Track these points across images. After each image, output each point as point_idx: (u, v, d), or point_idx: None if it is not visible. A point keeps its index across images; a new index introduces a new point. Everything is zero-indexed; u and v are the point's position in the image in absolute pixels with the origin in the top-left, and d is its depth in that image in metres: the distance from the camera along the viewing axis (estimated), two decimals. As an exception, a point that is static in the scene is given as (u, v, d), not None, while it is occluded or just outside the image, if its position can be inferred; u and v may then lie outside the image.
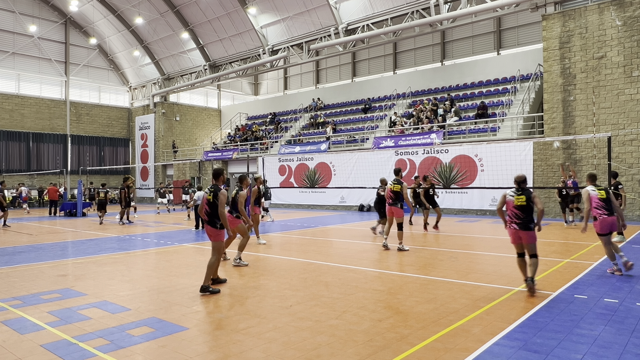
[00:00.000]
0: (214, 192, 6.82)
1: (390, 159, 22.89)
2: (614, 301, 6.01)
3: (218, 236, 6.86)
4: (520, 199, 6.42)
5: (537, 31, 24.15)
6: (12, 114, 32.84)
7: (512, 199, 6.50)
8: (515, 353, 4.30)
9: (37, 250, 11.25)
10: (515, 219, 6.46)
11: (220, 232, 6.84)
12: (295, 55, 28.01)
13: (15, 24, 32.85)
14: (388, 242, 11.00)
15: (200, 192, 15.74)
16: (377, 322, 5.23)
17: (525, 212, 6.39)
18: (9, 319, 5.53)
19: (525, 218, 6.39)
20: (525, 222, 6.40)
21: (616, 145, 16.84)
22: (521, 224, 6.41)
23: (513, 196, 6.50)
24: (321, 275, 7.91)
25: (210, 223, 6.83)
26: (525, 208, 6.39)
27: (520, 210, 6.41)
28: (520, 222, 6.41)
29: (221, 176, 7.05)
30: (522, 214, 6.40)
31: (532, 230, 6.40)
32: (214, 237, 6.86)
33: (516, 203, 6.44)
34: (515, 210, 6.45)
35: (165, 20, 32.69)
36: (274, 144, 30.65)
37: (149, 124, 37.04)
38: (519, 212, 6.41)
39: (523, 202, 6.39)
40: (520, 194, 6.46)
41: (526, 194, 6.42)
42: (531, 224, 6.41)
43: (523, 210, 6.40)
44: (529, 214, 6.40)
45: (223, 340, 4.75)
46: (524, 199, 6.40)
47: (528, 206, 6.38)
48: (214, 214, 6.77)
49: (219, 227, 6.80)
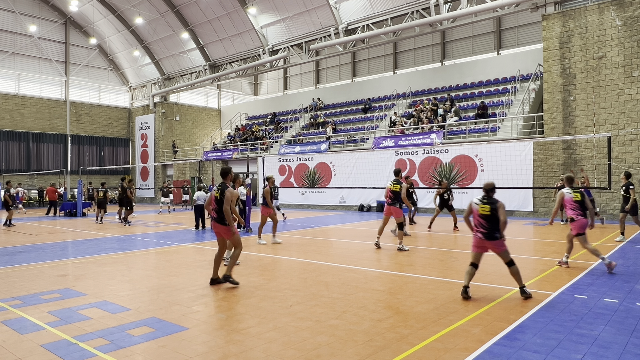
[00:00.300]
0: (221, 190, 6.94)
1: (390, 159, 22.89)
2: (614, 301, 6.01)
3: (228, 233, 6.97)
4: (485, 208, 6.22)
5: (537, 31, 24.15)
6: (12, 114, 32.84)
7: (477, 207, 6.31)
8: (515, 353, 4.30)
9: (37, 250, 11.25)
10: (481, 228, 6.27)
11: (229, 229, 6.95)
12: (295, 55, 28.00)
13: (15, 24, 32.86)
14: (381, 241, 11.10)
15: (200, 192, 15.76)
16: (377, 322, 5.23)
17: (490, 221, 6.19)
18: (9, 319, 5.53)
19: (490, 227, 6.19)
20: (490, 231, 6.20)
21: (616, 145, 16.84)
22: (486, 234, 6.22)
23: (478, 204, 6.32)
24: (321, 275, 7.91)
25: (219, 220, 6.96)
26: (489, 218, 6.19)
27: (485, 220, 6.22)
28: (485, 231, 6.23)
29: (229, 174, 7.18)
30: (486, 223, 6.21)
31: (499, 239, 6.20)
32: (226, 234, 6.99)
33: (480, 212, 6.25)
34: (480, 219, 6.27)
35: (165, 20, 32.69)
36: (274, 144, 30.64)
37: (149, 124, 37.05)
38: (484, 221, 6.23)
39: (487, 212, 6.20)
40: (486, 203, 6.26)
41: (491, 204, 6.21)
42: (497, 234, 6.19)
43: (488, 219, 6.20)
44: (494, 223, 6.18)
45: (223, 340, 4.75)
46: (488, 208, 6.20)
47: (493, 216, 6.17)
48: (221, 211, 6.92)
49: (227, 223, 6.91)
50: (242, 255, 9.94)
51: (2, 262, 9.56)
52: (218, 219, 6.98)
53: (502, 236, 6.20)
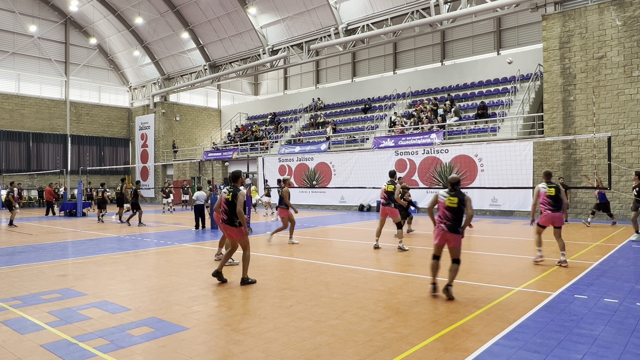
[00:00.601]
0: (233, 193, 7.13)
1: (390, 159, 22.89)
2: (614, 301, 6.01)
3: (239, 234, 7.18)
4: (453, 200, 6.25)
5: (537, 31, 24.15)
6: (12, 114, 32.84)
7: (444, 199, 6.32)
8: (515, 353, 4.30)
9: (37, 250, 11.25)
10: (445, 220, 6.29)
11: (240, 230, 7.15)
12: (295, 55, 28.01)
13: (15, 24, 32.86)
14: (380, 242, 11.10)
15: (199, 192, 15.75)
16: (377, 322, 5.23)
17: (456, 214, 6.24)
18: (9, 319, 5.53)
19: (455, 220, 6.25)
20: (454, 224, 6.25)
21: (616, 145, 16.84)
22: (450, 226, 6.25)
23: (445, 197, 6.32)
24: (321, 275, 7.91)
25: (229, 222, 7.15)
26: (456, 210, 6.23)
27: (451, 212, 6.25)
28: (449, 223, 6.26)
29: (240, 178, 7.38)
30: (452, 215, 6.24)
31: (460, 234, 6.27)
32: (237, 235, 7.20)
33: (447, 204, 6.26)
34: (446, 211, 6.28)
35: (165, 20, 32.70)
36: (274, 144, 30.65)
37: (149, 124, 37.05)
38: (450, 213, 6.26)
39: (454, 204, 6.23)
40: (453, 195, 6.28)
41: (459, 196, 6.26)
42: (459, 228, 6.27)
43: (454, 212, 6.24)
44: (459, 216, 6.26)
45: (223, 340, 4.75)
46: (455, 200, 6.23)
47: (459, 209, 6.23)
48: (233, 212, 7.09)
49: (237, 224, 7.11)
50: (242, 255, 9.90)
51: (2, 262, 9.56)
52: (228, 220, 7.14)
53: (462, 231, 6.29)
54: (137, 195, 17.76)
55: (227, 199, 7.13)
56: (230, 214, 7.12)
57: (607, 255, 9.50)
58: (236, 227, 7.12)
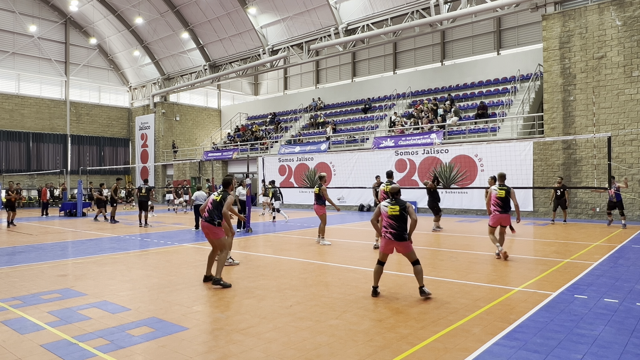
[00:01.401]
0: (222, 196, 7.25)
1: (390, 159, 22.90)
2: (614, 301, 6.01)
3: (217, 234, 7.22)
4: (394, 209, 6.36)
5: (537, 31, 24.15)
6: (12, 114, 32.84)
7: (386, 209, 6.43)
8: (515, 353, 4.30)
9: (37, 250, 11.25)
10: (390, 229, 6.37)
11: (218, 230, 7.22)
12: (295, 55, 28.00)
13: (15, 24, 32.86)
14: None
15: (199, 192, 15.74)
16: (377, 322, 5.23)
17: (399, 221, 6.33)
18: (9, 319, 5.53)
19: (399, 228, 6.33)
20: (399, 232, 6.32)
21: (616, 145, 16.84)
22: (395, 234, 6.33)
23: (387, 206, 6.43)
24: (321, 275, 7.91)
25: (209, 220, 7.21)
26: (398, 218, 6.33)
27: (394, 220, 6.34)
28: (394, 231, 6.33)
29: (230, 185, 7.42)
30: (396, 224, 6.33)
31: (407, 240, 6.35)
32: (213, 234, 7.22)
33: (390, 213, 6.37)
34: (390, 220, 6.38)
35: (165, 20, 32.69)
36: (274, 144, 30.65)
37: (149, 124, 37.05)
38: (393, 222, 6.35)
39: (396, 212, 6.34)
40: (394, 203, 6.40)
41: (400, 204, 6.38)
42: (405, 234, 6.35)
43: (397, 220, 6.34)
44: (403, 224, 6.36)
45: (223, 340, 4.75)
46: (397, 209, 6.35)
47: (402, 216, 6.33)
48: (213, 212, 7.20)
49: (216, 224, 7.19)
50: (242, 255, 9.95)
51: (2, 262, 9.56)
52: (208, 218, 7.23)
53: (409, 237, 6.40)
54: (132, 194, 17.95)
55: (215, 200, 7.27)
56: (211, 212, 7.21)
57: (607, 255, 9.50)
58: (214, 226, 7.19)
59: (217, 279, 7.02)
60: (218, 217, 7.19)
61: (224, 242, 7.29)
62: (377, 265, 6.54)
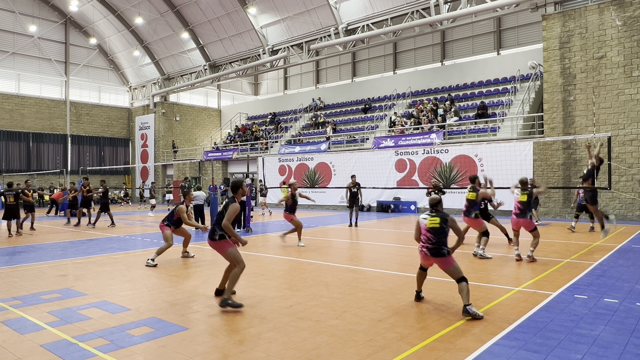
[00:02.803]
0: (225, 204, 6.13)
1: (390, 159, 22.89)
2: (614, 301, 6.01)
3: (222, 248, 6.07)
4: (434, 221, 5.84)
5: (537, 31, 24.15)
6: (12, 114, 32.84)
7: (424, 221, 5.93)
8: (515, 353, 4.30)
9: (37, 250, 11.24)
10: (427, 243, 5.84)
11: (221, 243, 6.06)
12: (295, 55, 28.00)
13: (15, 24, 32.85)
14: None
15: (199, 191, 15.75)
16: (377, 322, 5.23)
17: (438, 235, 5.79)
18: (9, 319, 5.53)
19: (437, 242, 5.77)
20: (437, 246, 5.76)
21: (616, 145, 16.84)
22: (432, 249, 5.78)
23: (426, 219, 5.93)
24: (321, 275, 7.91)
25: (209, 235, 6.14)
26: (438, 231, 5.79)
27: (432, 234, 5.81)
28: (431, 246, 5.79)
29: (240, 189, 6.21)
30: (434, 237, 5.79)
31: (446, 255, 5.73)
32: (219, 249, 6.10)
33: (429, 225, 5.85)
34: (428, 233, 5.85)
35: (165, 20, 32.69)
36: (274, 144, 30.65)
37: (149, 124, 37.05)
38: (431, 235, 5.82)
39: (436, 225, 5.81)
40: (434, 215, 5.90)
41: (440, 216, 5.88)
42: (444, 249, 5.74)
43: (436, 233, 5.80)
44: (443, 237, 5.81)
45: (223, 340, 4.74)
46: (437, 220, 5.83)
47: (442, 229, 5.79)
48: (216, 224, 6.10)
49: (217, 238, 6.04)
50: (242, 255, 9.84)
51: (2, 262, 9.56)
52: (209, 233, 6.19)
53: (450, 252, 5.79)
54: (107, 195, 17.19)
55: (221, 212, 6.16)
56: (213, 225, 6.17)
57: (607, 255, 9.50)
58: (215, 241, 6.05)
59: (225, 299, 5.82)
60: (219, 229, 6.04)
61: (234, 255, 6.05)
62: (419, 270, 6.14)
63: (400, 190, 22.96)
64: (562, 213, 18.29)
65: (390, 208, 23.04)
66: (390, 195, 23.51)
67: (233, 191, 6.20)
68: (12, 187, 14.83)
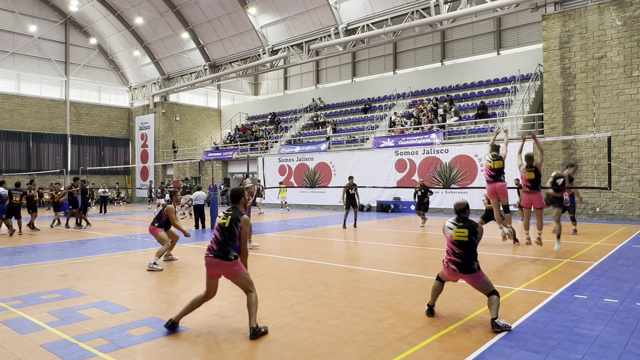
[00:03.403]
0: (232, 217, 5.00)
1: (390, 159, 22.89)
2: (614, 301, 6.01)
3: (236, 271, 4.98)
4: (462, 233, 5.10)
5: (537, 31, 24.15)
6: (12, 114, 32.84)
7: (450, 232, 5.20)
8: (515, 353, 4.30)
9: (37, 250, 11.25)
10: (454, 257, 5.15)
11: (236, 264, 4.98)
12: (295, 55, 28.01)
13: (15, 24, 32.85)
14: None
15: (199, 192, 15.75)
16: (377, 322, 5.23)
17: (467, 249, 5.10)
18: (9, 319, 5.53)
19: (467, 257, 5.10)
20: (466, 262, 5.10)
21: (616, 145, 16.84)
22: (461, 265, 5.09)
23: (452, 229, 5.19)
24: (321, 275, 7.91)
25: (221, 255, 4.93)
26: (467, 245, 5.10)
27: (460, 248, 5.12)
28: (460, 261, 5.11)
29: (242, 198, 5.25)
30: (462, 251, 5.11)
31: (477, 271, 5.11)
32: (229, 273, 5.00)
33: (455, 238, 5.14)
34: (454, 247, 5.14)
35: (165, 20, 32.69)
36: (274, 144, 30.65)
37: (149, 124, 37.05)
38: (458, 249, 5.13)
39: (464, 238, 5.09)
40: (462, 226, 5.15)
41: (468, 226, 5.12)
42: (474, 264, 5.11)
43: (464, 247, 5.10)
44: (472, 251, 5.11)
45: (223, 340, 4.74)
46: (465, 233, 5.09)
47: (471, 242, 5.10)
48: (226, 243, 4.95)
49: (233, 258, 4.95)
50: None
51: (2, 262, 9.56)
52: (219, 252, 4.93)
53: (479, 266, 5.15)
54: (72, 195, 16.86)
55: (223, 224, 5.01)
56: (222, 244, 4.96)
57: (607, 255, 9.50)
58: (229, 262, 4.92)
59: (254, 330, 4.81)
60: (234, 249, 4.99)
61: (249, 279, 5.05)
62: (436, 282, 5.46)
63: (400, 190, 22.96)
64: (563, 213, 18.26)
65: (390, 208, 23.04)
66: (390, 195, 23.51)
67: (233, 201, 5.19)
68: (19, 187, 15.15)
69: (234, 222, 4.98)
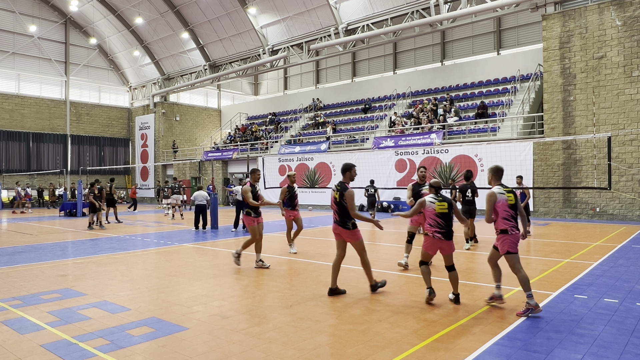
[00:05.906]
0: (340, 191, 6.29)
1: (390, 159, 22.89)
2: (614, 301, 6.01)
3: (356, 235, 6.35)
4: (442, 205, 5.99)
5: (537, 31, 24.15)
6: (12, 114, 32.85)
7: (433, 206, 6.02)
8: (515, 353, 4.29)
9: (37, 250, 11.24)
10: (438, 228, 5.98)
11: (354, 232, 6.32)
12: (295, 55, 28.01)
13: (15, 24, 32.86)
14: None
15: (199, 192, 15.74)
16: (377, 322, 5.23)
17: (447, 219, 6.00)
18: (9, 319, 5.53)
19: (447, 225, 5.99)
20: (448, 229, 5.98)
21: (616, 145, 16.84)
22: (446, 233, 5.97)
23: (434, 203, 6.04)
24: (321, 275, 7.91)
25: (341, 224, 6.32)
26: (447, 216, 5.99)
27: (442, 219, 5.98)
28: (444, 231, 5.96)
29: (348, 172, 6.40)
30: (444, 222, 5.97)
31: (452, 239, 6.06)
32: (352, 237, 6.36)
33: (438, 210, 5.99)
34: (437, 218, 5.99)
35: (165, 20, 32.70)
36: (274, 144, 30.65)
37: (149, 124, 37.05)
38: (441, 220, 5.98)
39: (445, 210, 5.98)
40: (442, 200, 6.04)
41: (447, 201, 6.04)
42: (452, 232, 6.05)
43: (445, 218, 5.98)
44: (450, 221, 6.04)
45: (223, 340, 4.74)
46: (445, 205, 5.99)
47: (449, 214, 6.02)
48: (345, 214, 6.26)
49: (351, 226, 6.28)
50: (242, 254, 9.86)
51: (2, 262, 9.56)
52: (340, 221, 6.32)
53: None
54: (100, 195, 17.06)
55: (335, 198, 6.36)
56: (341, 214, 6.30)
57: (607, 255, 9.50)
58: (348, 230, 6.29)
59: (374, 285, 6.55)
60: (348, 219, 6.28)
61: (363, 244, 6.44)
62: (424, 266, 6.14)
63: (400, 190, 22.95)
64: (562, 213, 18.30)
65: (390, 208, 23.04)
66: (390, 195, 23.51)
67: (343, 173, 6.41)
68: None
69: (341, 196, 6.22)
